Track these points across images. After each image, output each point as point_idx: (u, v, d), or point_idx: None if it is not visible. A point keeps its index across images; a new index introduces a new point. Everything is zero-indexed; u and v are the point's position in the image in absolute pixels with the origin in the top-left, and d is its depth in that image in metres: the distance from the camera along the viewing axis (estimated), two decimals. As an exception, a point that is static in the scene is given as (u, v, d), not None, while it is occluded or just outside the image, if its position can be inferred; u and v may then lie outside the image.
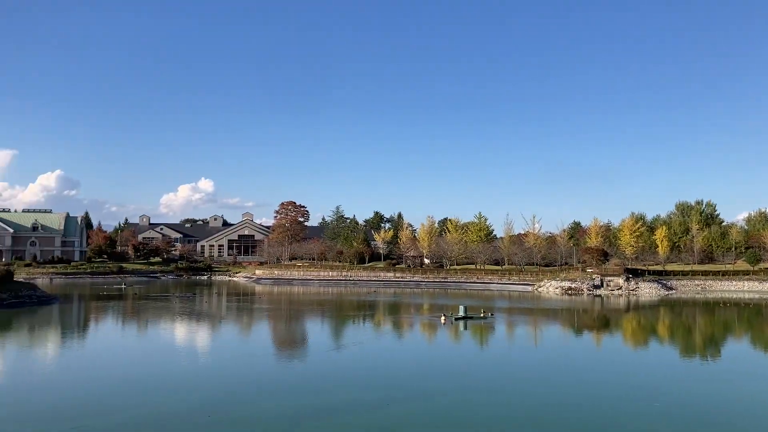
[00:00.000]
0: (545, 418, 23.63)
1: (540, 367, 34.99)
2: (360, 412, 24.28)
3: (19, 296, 64.99)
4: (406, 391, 28.02)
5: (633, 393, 28.20)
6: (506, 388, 29.18)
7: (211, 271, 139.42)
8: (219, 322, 57.35)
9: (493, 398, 27.01)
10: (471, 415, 23.79)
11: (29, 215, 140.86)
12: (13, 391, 28.27)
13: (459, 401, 26.21)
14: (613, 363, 37.50)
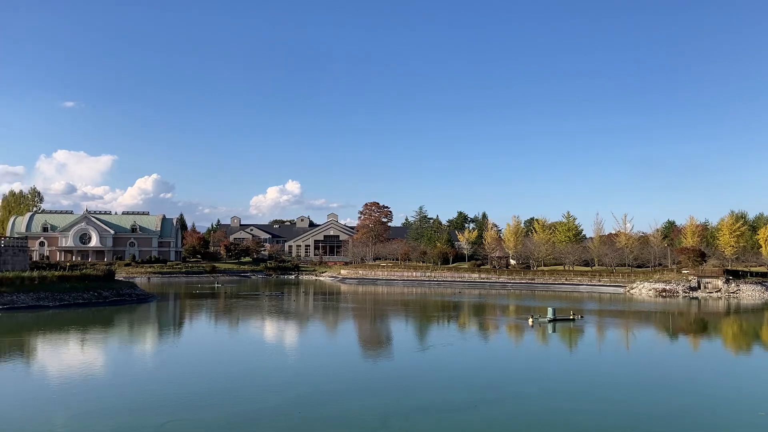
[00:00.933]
0: (643, 429, 22.62)
1: (633, 373, 33.60)
2: (448, 413, 24.04)
3: (120, 294, 68.45)
4: (494, 394, 27.55)
5: (736, 401, 26.61)
6: (597, 394, 28.16)
7: (299, 271, 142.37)
8: (307, 320, 58.41)
9: (585, 405, 26.12)
10: (563, 422, 23.12)
11: (128, 217, 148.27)
12: (115, 384, 29.74)
13: (549, 406, 25.51)
14: (712, 369, 35.60)
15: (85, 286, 65.58)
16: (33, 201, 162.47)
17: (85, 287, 65.32)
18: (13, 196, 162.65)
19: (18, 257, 75.90)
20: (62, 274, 66.94)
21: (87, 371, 32.92)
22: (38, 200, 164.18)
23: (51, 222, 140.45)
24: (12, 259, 74.04)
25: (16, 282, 60.28)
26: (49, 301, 59.31)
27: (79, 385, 28.84)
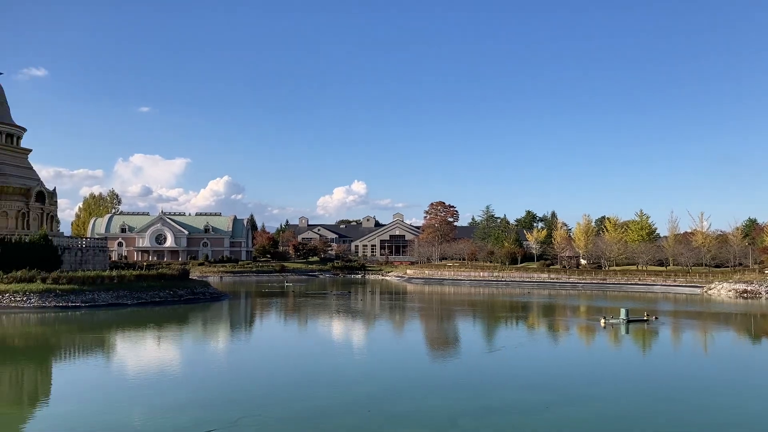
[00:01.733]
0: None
1: (712, 376, 32.22)
2: (518, 414, 23.67)
3: (194, 293, 70.56)
4: (565, 395, 26.94)
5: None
6: (674, 396, 27.12)
7: (365, 270, 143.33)
8: (374, 319, 58.71)
9: (660, 407, 25.21)
10: (636, 425, 22.38)
11: (201, 218, 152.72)
12: (190, 379, 30.65)
13: (622, 408, 24.75)
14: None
15: (161, 285, 67.90)
16: (112, 203, 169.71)
17: (161, 286, 67.64)
18: (93, 199, 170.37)
19: (98, 257, 79.36)
20: (140, 274, 69.53)
21: (163, 367, 34.06)
22: (116, 202, 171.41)
23: (128, 223, 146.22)
24: (93, 259, 77.47)
25: (96, 281, 62.99)
26: (127, 300, 61.67)
27: (155, 381, 29.86)
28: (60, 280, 60.51)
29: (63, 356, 38.32)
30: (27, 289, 57.63)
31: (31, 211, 74.17)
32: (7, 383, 30.59)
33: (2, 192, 71.59)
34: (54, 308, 56.19)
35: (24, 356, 37.82)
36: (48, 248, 65.94)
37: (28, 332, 46.98)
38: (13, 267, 60.34)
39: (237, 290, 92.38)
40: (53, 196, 79.07)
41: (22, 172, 76.75)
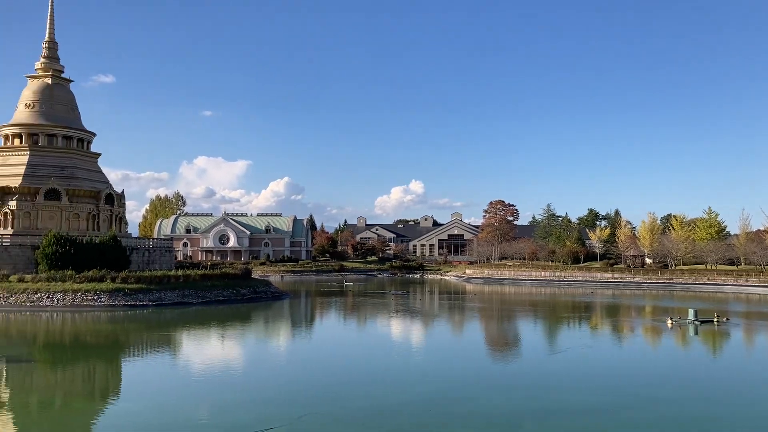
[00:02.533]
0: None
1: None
2: (582, 416, 23.15)
3: (256, 292, 71.88)
4: (631, 398, 26.20)
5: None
6: (744, 401, 25.99)
7: (423, 270, 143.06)
8: (433, 319, 58.53)
9: (731, 411, 24.22)
10: (705, 429, 21.56)
11: (263, 219, 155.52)
12: (253, 377, 31.26)
13: (691, 412, 23.90)
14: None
15: (224, 284, 69.43)
16: (177, 205, 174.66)
17: (224, 285, 69.16)
18: (159, 201, 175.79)
19: (165, 257, 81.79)
20: (204, 273, 71.27)
21: (227, 365, 34.84)
22: (181, 204, 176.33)
23: (193, 224, 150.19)
24: (159, 259, 79.90)
25: (163, 280, 64.90)
26: (192, 298, 63.29)
27: (220, 378, 30.55)
28: (128, 279, 62.63)
29: (132, 353, 39.63)
30: (98, 288, 59.86)
31: (101, 213, 77.05)
32: (80, 379, 31.84)
33: (74, 195, 74.61)
34: (123, 307, 58.19)
35: (95, 353, 39.29)
36: (117, 249, 68.31)
37: (98, 330, 48.79)
38: (84, 267, 62.76)
39: (297, 289, 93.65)
40: (122, 198, 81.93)
41: (92, 176, 79.82)
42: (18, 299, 57.58)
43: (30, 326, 49.04)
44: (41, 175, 74.24)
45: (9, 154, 76.51)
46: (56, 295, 58.27)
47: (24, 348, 40.00)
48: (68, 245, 64.35)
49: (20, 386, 29.24)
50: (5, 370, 32.46)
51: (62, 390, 28.79)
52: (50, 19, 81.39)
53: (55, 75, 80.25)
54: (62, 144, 78.04)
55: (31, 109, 78.24)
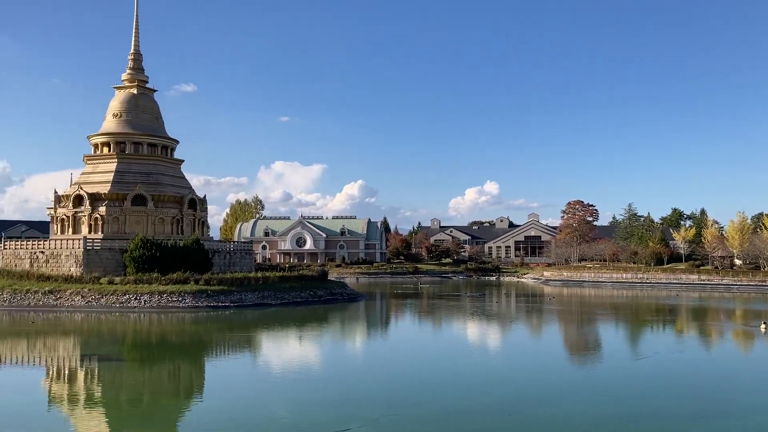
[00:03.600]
0: None
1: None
2: (667, 422, 22.18)
3: (333, 293, 72.78)
4: (721, 405, 24.94)
5: None
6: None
7: (499, 272, 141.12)
8: (510, 322, 57.62)
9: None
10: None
11: (338, 221, 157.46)
12: (331, 377, 31.53)
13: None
14: None
15: (302, 286, 70.63)
16: (256, 208, 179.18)
17: (302, 287, 70.35)
18: (239, 205, 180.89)
19: (245, 260, 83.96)
20: (282, 275, 72.72)
21: (306, 365, 35.34)
22: (260, 208, 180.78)
23: (271, 227, 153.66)
24: (240, 262, 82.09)
25: (243, 282, 66.62)
26: (271, 300, 64.67)
27: (299, 378, 31.00)
28: (211, 281, 64.65)
29: (215, 353, 40.79)
30: (182, 290, 62.03)
31: (184, 218, 79.87)
32: (166, 377, 33.02)
33: (159, 200, 77.66)
34: (206, 308, 60.04)
35: (181, 352, 40.68)
36: (200, 252, 70.60)
37: (183, 330, 50.52)
38: (169, 269, 65.17)
39: (372, 291, 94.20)
40: (204, 203, 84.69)
41: (176, 182, 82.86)
42: (108, 300, 60.34)
43: (119, 326, 51.30)
44: (128, 181, 77.60)
45: (99, 162, 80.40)
46: (143, 297, 60.75)
47: (114, 347, 41.85)
48: (154, 249, 66.96)
49: (111, 383, 30.59)
50: (97, 368, 34.04)
51: (150, 387, 29.93)
52: (135, 32, 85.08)
53: (140, 85, 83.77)
54: (147, 151, 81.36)
55: (118, 118, 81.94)
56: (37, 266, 70.00)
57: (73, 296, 61.00)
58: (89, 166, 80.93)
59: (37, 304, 60.28)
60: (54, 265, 69.73)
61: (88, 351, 39.84)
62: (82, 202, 75.57)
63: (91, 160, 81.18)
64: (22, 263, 71.12)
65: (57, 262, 69.81)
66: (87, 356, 37.61)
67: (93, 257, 69.00)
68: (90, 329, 50.41)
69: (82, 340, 44.75)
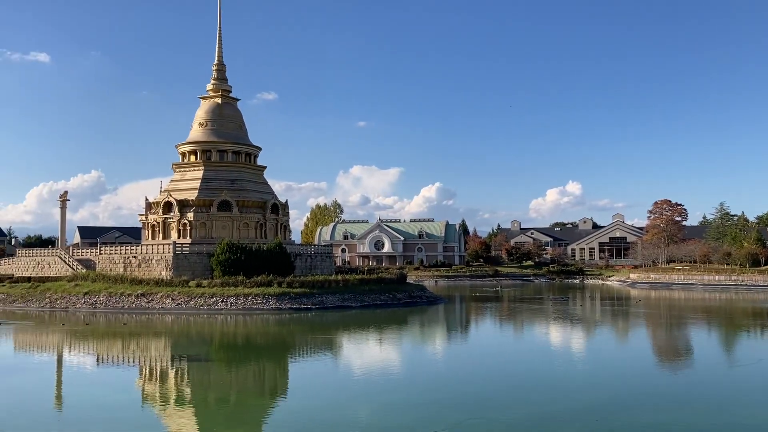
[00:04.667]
0: None
1: None
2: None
3: (411, 296, 72.80)
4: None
5: None
6: None
7: (583, 275, 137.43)
8: (595, 326, 55.97)
9: None
10: None
11: (415, 224, 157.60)
12: (411, 380, 31.49)
13: None
14: None
15: (381, 289, 71.01)
16: (335, 212, 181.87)
17: (381, 290, 70.73)
18: (318, 209, 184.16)
19: (325, 263, 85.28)
20: (362, 278, 73.37)
21: (386, 367, 35.47)
22: (339, 211, 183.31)
23: (350, 231, 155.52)
24: (321, 265, 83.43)
25: (324, 285, 67.67)
26: (351, 302, 65.38)
27: (379, 380, 31.15)
28: (293, 284, 66.03)
29: (298, 354, 41.57)
30: (266, 292, 63.63)
31: (267, 222, 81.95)
32: (252, 377, 33.92)
33: (243, 205, 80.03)
34: (289, 310, 61.32)
35: (265, 353, 41.69)
36: (282, 255, 72.23)
37: (267, 332, 51.78)
38: (253, 272, 66.97)
39: (451, 294, 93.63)
40: (285, 207, 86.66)
41: (259, 187, 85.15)
42: (196, 303, 62.58)
43: (207, 328, 53.09)
44: (214, 188, 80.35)
45: (186, 169, 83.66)
46: (229, 299, 62.67)
47: (202, 348, 43.33)
48: (239, 252, 68.98)
49: (199, 383, 31.68)
50: (186, 369, 35.33)
51: (236, 387, 30.81)
52: (218, 43, 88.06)
53: (224, 95, 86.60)
54: (232, 159, 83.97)
55: (204, 127, 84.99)
56: (130, 270, 73.50)
57: (164, 299, 63.62)
58: (177, 173, 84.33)
59: (130, 306, 63.24)
60: (146, 269, 73.03)
61: (178, 351, 41.42)
62: (171, 209, 78.81)
63: (180, 168, 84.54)
64: (117, 267, 74.85)
65: (148, 267, 73.07)
66: (177, 357, 39.10)
67: (182, 261, 71.77)
68: (180, 330, 52.43)
69: (173, 341, 46.57)
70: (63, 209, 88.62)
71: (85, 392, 28.92)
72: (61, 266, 78.85)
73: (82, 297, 66.00)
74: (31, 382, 31.64)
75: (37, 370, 35.06)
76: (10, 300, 68.45)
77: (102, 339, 46.86)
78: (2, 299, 69.01)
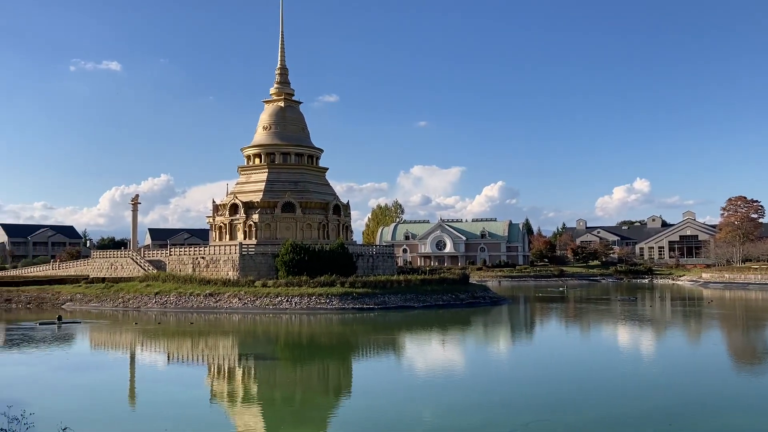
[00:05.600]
0: None
1: None
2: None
3: (474, 297, 72.15)
4: None
5: None
6: None
7: (652, 274, 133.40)
8: (665, 327, 54.15)
9: None
10: None
11: (477, 224, 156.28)
12: (475, 381, 31.19)
13: None
14: None
15: (443, 289, 70.66)
16: (396, 213, 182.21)
17: (443, 290, 70.38)
18: (380, 209, 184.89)
19: (387, 263, 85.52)
20: (423, 278, 73.21)
21: (449, 368, 35.24)
22: (400, 212, 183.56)
23: (411, 231, 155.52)
24: (382, 265, 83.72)
25: (386, 285, 67.83)
26: (413, 302, 65.30)
27: (443, 381, 30.96)
28: (356, 284, 66.48)
29: (361, 354, 41.79)
30: (329, 292, 64.29)
31: (329, 223, 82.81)
32: (316, 376, 34.28)
33: (306, 206, 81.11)
34: (352, 309, 61.75)
35: (329, 353, 42.08)
36: (345, 255, 72.82)
37: (331, 331, 52.28)
38: (316, 273, 67.77)
39: (515, 294, 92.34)
40: (347, 208, 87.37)
41: (321, 189, 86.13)
42: (262, 302, 63.78)
43: (272, 327, 54.03)
44: (278, 190, 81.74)
45: (251, 172, 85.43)
46: (294, 299, 63.61)
47: (268, 347, 44.10)
48: (302, 253, 69.93)
49: (266, 382, 32.26)
50: (253, 367, 36.03)
51: (302, 386, 31.22)
52: (281, 48, 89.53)
53: (287, 98, 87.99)
54: (295, 161, 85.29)
55: (268, 131, 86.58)
56: (198, 271, 75.56)
57: (231, 298, 65.10)
58: (243, 176, 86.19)
59: (199, 306, 64.99)
60: (213, 269, 74.95)
61: (245, 350, 42.29)
62: (237, 211, 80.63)
63: (245, 170, 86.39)
64: (186, 268, 77.07)
65: (216, 267, 74.96)
66: (244, 355, 39.92)
67: (248, 262, 73.29)
68: (246, 329, 53.55)
69: (240, 340, 47.60)
70: (134, 212, 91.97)
71: (156, 389, 29.87)
72: (133, 267, 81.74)
73: (153, 297, 68.24)
74: (106, 378, 32.86)
75: (112, 368, 36.41)
76: (86, 300, 71.39)
77: (172, 338, 48.32)
78: (79, 299, 72.04)
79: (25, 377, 32.35)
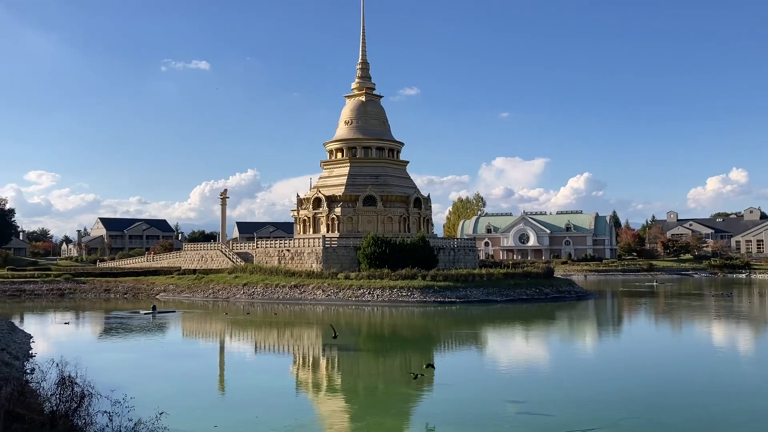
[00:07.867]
0: None
1: None
2: None
3: (559, 291, 70.61)
4: None
5: None
6: None
7: (750, 269, 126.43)
8: (764, 325, 51.28)
9: None
10: None
11: (562, 217, 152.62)
12: (560, 377, 30.49)
13: None
14: None
15: (527, 283, 69.54)
16: (477, 205, 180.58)
17: (527, 284, 69.26)
18: (461, 202, 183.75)
19: (468, 256, 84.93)
20: (506, 272, 72.30)
21: (533, 363, 34.71)
22: (481, 204, 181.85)
23: (493, 224, 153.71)
24: (464, 258, 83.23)
25: (468, 278, 67.36)
26: (496, 296, 64.54)
27: (526, 376, 30.51)
28: (437, 277, 66.38)
29: (443, 347, 41.74)
30: (410, 285, 64.49)
31: (410, 216, 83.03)
32: (398, 367, 34.48)
33: (387, 200, 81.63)
34: (433, 303, 61.72)
35: (411, 344, 42.25)
36: (426, 249, 72.83)
37: (413, 323, 52.45)
38: (397, 265, 68.12)
39: (602, 289, 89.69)
40: (428, 201, 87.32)
41: (402, 182, 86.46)
42: (345, 294, 64.75)
43: (355, 318, 54.73)
44: (359, 183, 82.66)
45: (333, 166, 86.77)
46: (376, 291, 64.22)
47: (351, 338, 44.69)
48: (384, 246, 70.46)
49: (349, 372, 32.75)
50: (337, 358, 36.63)
51: (384, 376, 31.51)
52: (362, 43, 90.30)
53: (368, 93, 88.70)
54: (376, 155, 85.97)
55: (349, 125, 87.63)
56: (283, 263, 77.51)
57: (315, 290, 66.43)
58: (326, 170, 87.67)
59: (284, 297, 66.67)
60: (298, 261, 76.71)
61: (328, 341, 43.05)
62: (320, 204, 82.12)
63: (327, 165, 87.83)
64: (272, 260, 79.21)
65: (300, 259, 76.68)
66: (328, 346, 40.64)
67: (331, 254, 74.56)
68: (330, 320, 54.40)
69: (324, 331, 48.47)
70: (223, 206, 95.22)
71: (245, 377, 30.87)
72: (222, 259, 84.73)
73: (241, 288, 70.53)
74: (197, 366, 34.22)
75: (203, 356, 37.92)
76: (179, 290, 74.58)
77: (259, 328, 49.78)
78: (172, 289, 75.34)
79: (125, 363, 34.13)
